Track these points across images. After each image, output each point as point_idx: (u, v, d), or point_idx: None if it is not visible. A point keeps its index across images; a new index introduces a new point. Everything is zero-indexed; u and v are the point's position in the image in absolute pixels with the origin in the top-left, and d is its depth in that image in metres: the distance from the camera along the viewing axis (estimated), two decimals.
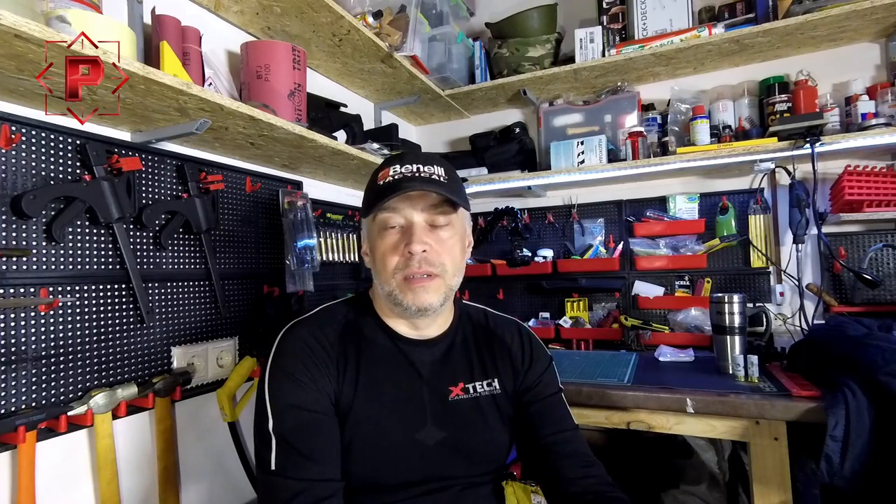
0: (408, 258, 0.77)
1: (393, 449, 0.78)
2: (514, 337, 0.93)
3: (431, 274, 0.78)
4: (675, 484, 1.59)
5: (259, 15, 1.37)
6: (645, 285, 1.96)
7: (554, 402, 0.89)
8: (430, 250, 0.78)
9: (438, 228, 0.81)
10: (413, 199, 0.79)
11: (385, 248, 0.80)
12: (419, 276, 0.78)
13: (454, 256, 0.82)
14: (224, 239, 1.35)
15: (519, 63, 1.98)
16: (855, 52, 1.71)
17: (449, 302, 0.85)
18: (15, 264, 0.93)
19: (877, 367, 1.05)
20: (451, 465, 0.81)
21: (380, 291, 0.83)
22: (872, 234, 1.67)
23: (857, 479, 1.00)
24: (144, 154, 1.15)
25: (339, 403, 0.78)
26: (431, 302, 0.78)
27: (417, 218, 0.79)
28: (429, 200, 0.80)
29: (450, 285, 0.82)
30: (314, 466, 0.72)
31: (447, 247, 0.81)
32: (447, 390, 0.84)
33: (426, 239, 0.78)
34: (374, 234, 0.82)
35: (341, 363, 0.79)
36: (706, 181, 1.91)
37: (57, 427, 0.96)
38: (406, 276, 0.78)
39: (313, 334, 0.80)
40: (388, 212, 0.79)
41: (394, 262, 0.79)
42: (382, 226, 0.80)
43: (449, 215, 0.81)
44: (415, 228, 0.78)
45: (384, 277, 0.80)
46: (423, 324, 0.85)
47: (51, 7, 0.85)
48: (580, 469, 0.82)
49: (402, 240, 0.79)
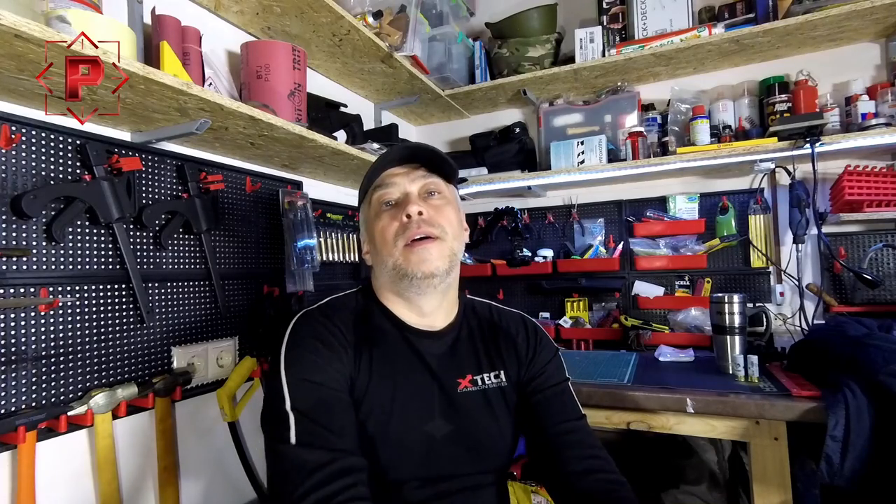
0: (406, 223, 0.79)
1: (401, 441, 0.77)
2: (519, 328, 0.92)
3: (432, 235, 0.79)
4: (675, 484, 1.59)
5: (259, 15, 1.37)
6: (645, 285, 1.96)
7: (559, 391, 0.87)
8: (426, 214, 0.80)
9: (432, 198, 0.83)
10: (405, 174, 0.83)
11: (383, 223, 0.81)
12: (420, 238, 0.78)
13: (451, 221, 0.83)
14: (224, 239, 1.35)
15: (519, 63, 1.98)
16: (855, 52, 1.71)
17: (455, 273, 0.85)
18: (15, 264, 0.93)
19: (877, 367, 1.05)
20: (457, 460, 0.80)
21: (383, 272, 0.83)
22: (872, 234, 1.67)
23: (857, 479, 1.00)
24: (144, 154, 1.15)
25: (352, 390, 0.76)
26: (437, 265, 0.78)
27: (411, 188, 0.82)
28: (420, 173, 0.83)
29: (452, 248, 0.82)
30: (338, 438, 0.69)
31: (443, 212, 0.82)
32: (455, 383, 0.83)
33: (422, 204, 0.80)
34: (372, 218, 0.84)
35: (357, 351, 0.79)
36: (706, 181, 1.91)
37: (57, 427, 0.96)
38: (407, 240, 0.78)
39: (330, 319, 0.80)
40: (382, 189, 0.83)
41: (393, 230, 0.80)
42: (378, 204, 0.83)
43: (440, 185, 0.85)
44: (410, 196, 0.81)
45: (386, 251, 0.80)
46: (428, 305, 0.84)
47: (51, 7, 0.85)
48: (586, 461, 0.79)
49: (399, 210, 0.81)
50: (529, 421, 0.86)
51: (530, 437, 0.87)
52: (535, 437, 0.85)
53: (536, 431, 0.85)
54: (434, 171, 0.85)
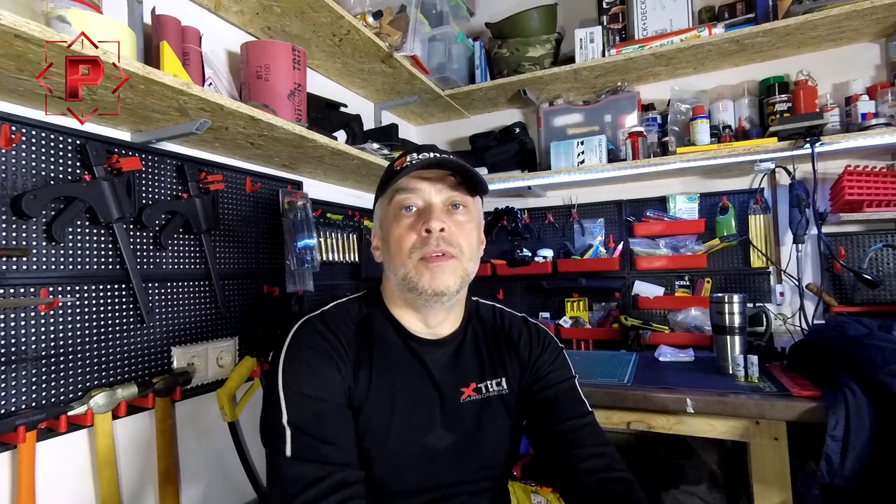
0: (425, 238, 0.76)
1: (400, 453, 0.76)
2: (521, 331, 0.91)
3: (448, 254, 0.76)
4: (675, 484, 1.59)
5: (259, 15, 1.37)
6: (645, 285, 1.96)
7: (565, 389, 0.86)
8: (447, 231, 0.76)
9: (456, 212, 0.79)
10: (431, 182, 0.78)
11: (401, 230, 0.78)
12: (437, 255, 0.76)
13: (471, 241, 0.80)
14: (224, 239, 1.35)
15: (519, 63, 1.98)
16: (855, 52, 1.71)
17: (464, 291, 0.83)
18: (15, 264, 0.93)
19: (877, 367, 1.05)
20: (458, 469, 0.80)
21: (393, 278, 0.80)
22: (872, 234, 1.67)
23: (857, 479, 1.00)
24: (144, 154, 1.15)
25: (351, 400, 0.76)
26: (448, 285, 0.76)
27: (436, 199, 0.78)
28: (447, 183, 0.79)
29: (466, 269, 0.80)
30: (334, 452, 0.69)
31: (465, 230, 0.79)
32: (459, 392, 0.82)
33: (444, 219, 0.77)
34: (390, 218, 0.80)
35: (357, 361, 0.78)
36: (706, 181, 1.91)
37: (57, 427, 0.96)
38: (423, 255, 0.76)
39: (329, 329, 0.78)
40: (405, 193, 0.78)
41: (410, 241, 0.77)
42: (399, 208, 0.79)
43: (466, 200, 0.80)
44: (433, 208, 0.77)
45: (399, 260, 0.78)
46: (434, 319, 0.83)
47: (51, 7, 0.85)
48: (594, 459, 0.78)
49: (419, 220, 0.77)
50: (535, 419, 0.85)
51: (536, 435, 0.85)
52: (541, 436, 0.84)
53: (542, 430, 0.83)
54: (463, 181, 0.80)
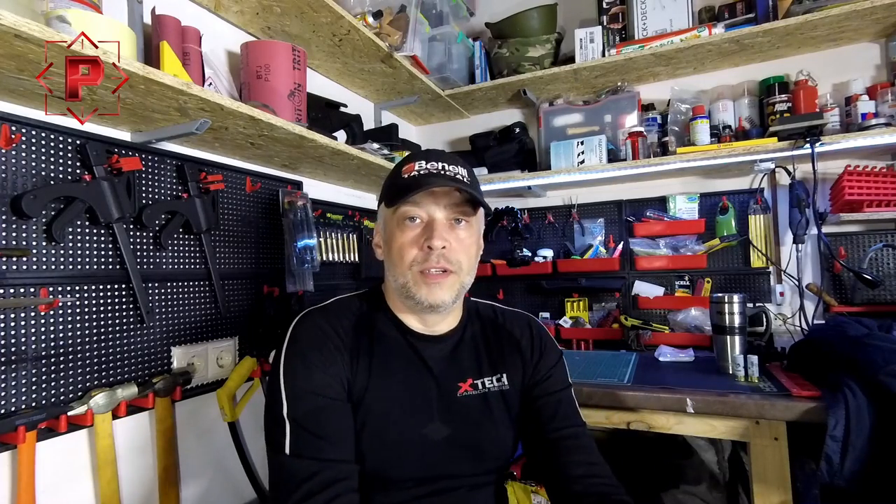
0: (427, 253, 0.79)
1: (399, 443, 0.79)
2: (524, 331, 0.93)
3: (447, 270, 0.79)
4: (675, 484, 1.59)
5: (259, 15, 1.37)
6: (645, 285, 1.96)
7: (562, 397, 0.88)
8: (448, 248, 0.79)
9: (458, 228, 0.82)
10: (436, 196, 0.80)
11: (404, 241, 0.80)
12: (436, 272, 0.79)
13: (470, 255, 0.84)
14: (224, 239, 1.35)
15: (519, 63, 1.98)
16: (855, 52, 1.71)
17: (460, 300, 0.86)
18: (15, 264, 0.93)
19: (877, 367, 1.05)
20: (456, 462, 0.82)
21: (393, 284, 0.84)
22: (872, 234, 1.67)
23: (857, 479, 1.00)
24: (144, 154, 1.15)
25: (351, 392, 0.78)
26: (444, 299, 0.80)
27: (439, 214, 0.80)
28: (452, 199, 0.81)
29: (463, 283, 0.83)
30: (330, 448, 0.72)
31: (465, 246, 0.82)
32: (456, 386, 0.84)
33: (446, 236, 0.79)
34: (393, 226, 0.82)
35: (355, 353, 0.80)
36: (706, 181, 1.91)
37: (57, 427, 0.96)
38: (423, 270, 0.79)
39: (329, 322, 0.81)
40: (410, 205, 0.80)
41: (412, 255, 0.80)
42: (403, 218, 0.81)
43: (469, 216, 0.83)
44: (436, 224, 0.79)
45: (400, 270, 0.81)
46: (432, 320, 0.86)
47: (51, 7, 0.85)
48: (585, 467, 0.81)
49: (422, 234, 0.80)
50: (531, 425, 0.87)
51: (530, 439, 0.87)
52: (534, 440, 0.86)
53: (536, 434, 0.86)
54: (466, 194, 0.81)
